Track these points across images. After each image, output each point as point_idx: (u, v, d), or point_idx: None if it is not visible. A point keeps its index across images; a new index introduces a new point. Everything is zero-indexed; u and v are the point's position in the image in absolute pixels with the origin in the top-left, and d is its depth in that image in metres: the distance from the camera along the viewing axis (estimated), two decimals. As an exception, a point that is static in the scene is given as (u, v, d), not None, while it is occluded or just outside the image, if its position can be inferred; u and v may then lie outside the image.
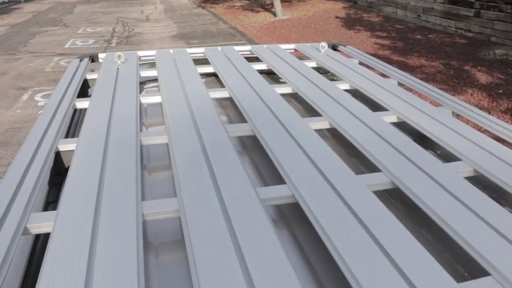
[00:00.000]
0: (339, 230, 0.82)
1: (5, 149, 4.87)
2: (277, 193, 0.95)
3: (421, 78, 6.41)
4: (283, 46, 2.29)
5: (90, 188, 0.95)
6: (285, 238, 0.94)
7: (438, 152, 1.36)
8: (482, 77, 6.31)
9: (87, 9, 17.17)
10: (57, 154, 1.23)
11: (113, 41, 10.79)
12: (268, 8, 13.66)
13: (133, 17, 14.90)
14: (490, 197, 1.06)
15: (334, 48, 2.37)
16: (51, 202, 1.15)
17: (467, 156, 1.14)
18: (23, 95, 6.63)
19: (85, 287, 0.68)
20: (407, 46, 8.26)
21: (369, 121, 1.33)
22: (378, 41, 8.85)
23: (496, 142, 1.23)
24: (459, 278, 0.84)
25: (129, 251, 0.76)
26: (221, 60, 1.98)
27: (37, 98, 6.50)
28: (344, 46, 2.32)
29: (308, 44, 2.32)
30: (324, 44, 2.15)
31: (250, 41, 10.00)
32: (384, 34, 9.40)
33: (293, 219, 1.00)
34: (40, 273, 0.72)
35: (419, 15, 10.00)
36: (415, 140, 1.43)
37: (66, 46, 10.21)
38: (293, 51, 2.33)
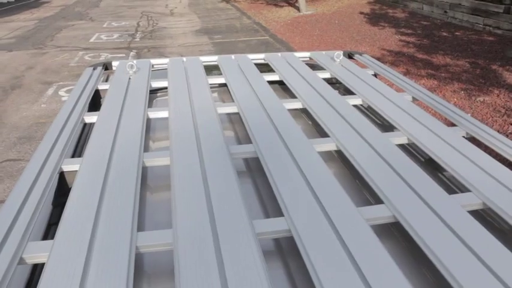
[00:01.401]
0: (329, 269, 0.80)
1: (29, 143, 4.99)
2: (274, 227, 0.93)
3: (445, 78, 6.27)
4: (298, 54, 2.26)
5: (88, 217, 0.95)
6: (277, 272, 0.93)
7: (447, 180, 1.32)
8: (511, 77, 6.13)
9: (113, 3, 17.36)
10: (62, 174, 1.24)
11: (137, 35, 10.89)
12: (292, 3, 13.56)
13: (157, 11, 15.00)
14: (496, 236, 1.02)
15: (350, 56, 2.33)
16: (53, 224, 1.16)
17: (477, 188, 1.08)
18: (48, 90, 6.76)
19: None
20: (432, 44, 8.08)
21: (377, 144, 1.30)
22: (403, 38, 8.68)
23: None
24: None
25: (118, 286, 0.76)
26: (233, 70, 1.97)
27: (61, 92, 6.62)
28: (360, 55, 2.28)
29: (324, 52, 2.29)
30: (339, 53, 2.11)
31: (273, 37, 9.95)
32: (409, 31, 9.21)
33: (290, 252, 0.99)
34: None
35: (446, 12, 9.76)
36: (423, 166, 1.39)
37: (91, 40, 10.36)
38: (308, 59, 2.30)
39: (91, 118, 1.54)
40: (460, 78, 6.27)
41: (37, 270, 1.02)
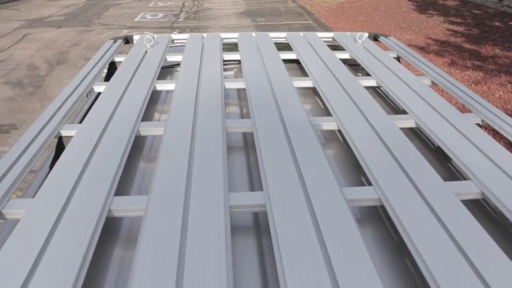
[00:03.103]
0: (293, 246, 0.77)
1: (68, 117, 5.15)
2: (250, 201, 0.91)
3: (492, 70, 5.97)
4: (321, 34, 2.19)
5: (70, 178, 0.97)
6: (245, 246, 0.91)
7: (450, 168, 1.24)
8: None
9: (161, -17, 17.54)
10: (61, 139, 1.26)
11: (181, 15, 10.98)
12: (340, -13, 13.24)
13: (204, -8, 15.05)
14: (487, 228, 0.96)
15: (375, 38, 2.24)
16: None
17: (477, 176, 1.01)
18: (91, 66, 6.95)
19: (26, 279, 0.70)
20: (482, 34, 7.70)
21: (379, 126, 1.24)
22: (451, 27, 8.32)
23: None
24: None
25: (79, 248, 0.77)
26: (250, 47, 1.94)
27: (103, 69, 6.78)
28: (386, 37, 2.19)
29: (348, 33, 2.22)
30: (363, 34, 2.03)
31: (317, 21, 9.78)
32: (459, 20, 8.81)
33: (264, 227, 0.96)
34: None
35: (501, 0, 9.26)
36: (426, 152, 1.32)
37: (136, 19, 10.53)
38: (331, 40, 2.23)
39: (101, 88, 1.56)
40: (508, 70, 5.95)
41: None
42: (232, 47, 2.15)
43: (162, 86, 1.55)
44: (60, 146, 1.28)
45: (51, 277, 0.71)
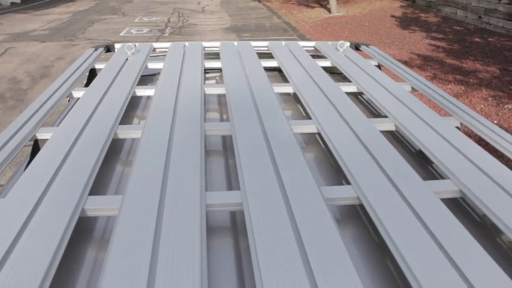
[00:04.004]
0: (270, 245, 0.76)
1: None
2: (226, 199, 0.89)
3: (474, 84, 6.07)
4: (302, 43, 2.21)
5: (43, 179, 0.94)
6: (222, 246, 0.89)
7: (429, 168, 1.25)
8: (542, 86, 5.88)
9: (147, -1, 17.65)
10: (38, 144, 1.24)
11: (167, 31, 11.00)
12: (324, 4, 13.45)
13: (189, 8, 15.13)
14: (467, 225, 0.96)
15: (356, 47, 2.26)
16: None
17: (456, 176, 1.02)
18: (74, 80, 6.90)
19: None
20: (463, 49, 7.84)
21: (359, 128, 1.24)
22: (433, 42, 8.46)
23: (502, 165, 1.07)
24: None
25: (48, 247, 0.74)
26: (232, 56, 1.94)
27: (86, 83, 6.74)
28: (367, 46, 2.21)
29: (329, 43, 2.23)
30: (344, 43, 2.05)
31: (302, 37, 9.88)
32: (440, 36, 8.98)
33: (242, 227, 0.95)
34: None
35: (480, 17, 9.47)
36: (405, 153, 1.33)
37: (121, 34, 10.53)
38: (313, 49, 2.25)
39: (80, 93, 1.54)
40: (489, 84, 6.06)
41: None
42: (214, 56, 2.15)
43: (142, 91, 1.53)
44: (36, 150, 1.26)
45: (16, 277, 0.68)
